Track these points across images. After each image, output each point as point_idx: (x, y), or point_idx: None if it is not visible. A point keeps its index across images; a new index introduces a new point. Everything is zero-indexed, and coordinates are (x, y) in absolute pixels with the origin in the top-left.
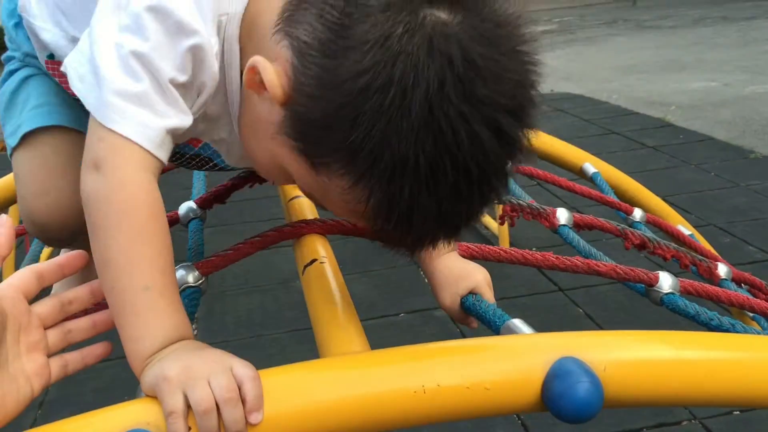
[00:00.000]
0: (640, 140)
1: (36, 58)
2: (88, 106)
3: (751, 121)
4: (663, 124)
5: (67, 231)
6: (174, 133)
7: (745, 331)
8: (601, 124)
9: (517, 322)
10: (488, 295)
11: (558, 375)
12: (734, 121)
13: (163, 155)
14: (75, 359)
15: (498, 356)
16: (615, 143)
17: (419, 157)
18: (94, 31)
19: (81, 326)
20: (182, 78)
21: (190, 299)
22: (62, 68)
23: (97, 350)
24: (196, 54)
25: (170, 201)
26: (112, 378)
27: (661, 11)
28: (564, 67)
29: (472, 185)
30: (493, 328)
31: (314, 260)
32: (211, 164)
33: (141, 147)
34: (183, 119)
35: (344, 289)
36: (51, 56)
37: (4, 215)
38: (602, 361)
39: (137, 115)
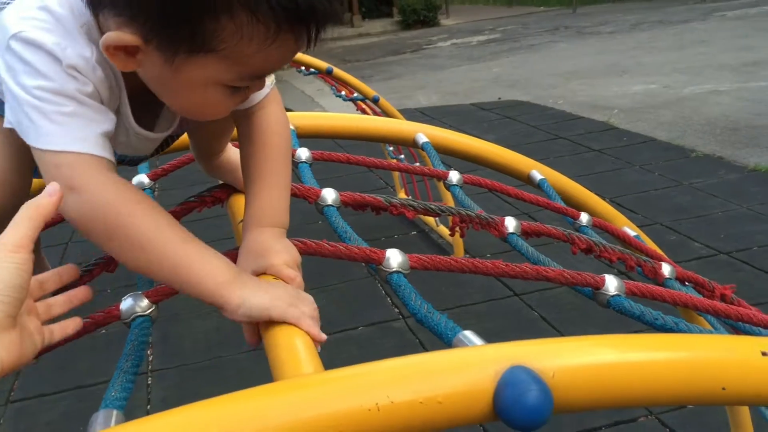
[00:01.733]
0: (586, 144)
1: None
2: (31, 142)
3: (691, 121)
4: (607, 128)
5: None
6: (107, 136)
7: (689, 330)
8: (547, 130)
9: (468, 334)
10: (283, 275)
11: (508, 384)
12: (675, 121)
13: (110, 155)
14: (57, 328)
15: (449, 369)
16: (562, 148)
17: None
18: (9, 83)
19: (60, 301)
20: (88, 88)
21: (141, 328)
22: (5, 125)
23: (73, 322)
24: (77, 70)
25: None
26: (64, 410)
27: (599, 18)
28: (509, 75)
29: None
30: (445, 340)
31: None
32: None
33: (93, 155)
34: (111, 120)
35: None
36: None
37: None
38: (551, 368)
39: (77, 131)
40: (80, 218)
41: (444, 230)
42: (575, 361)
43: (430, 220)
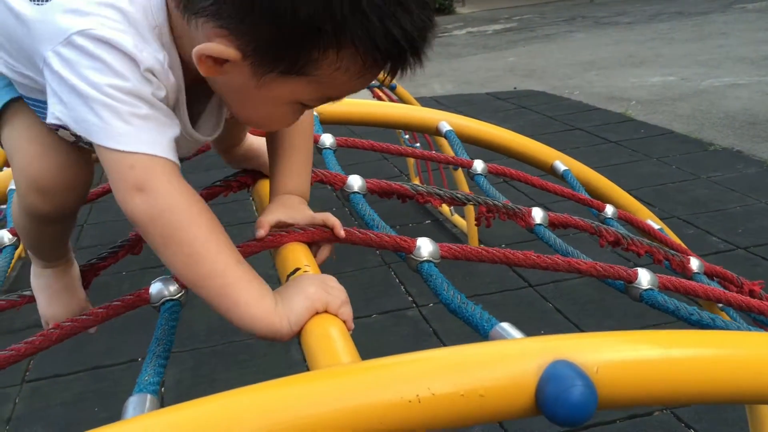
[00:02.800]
0: (603, 135)
1: None
2: (100, 141)
3: (709, 114)
4: (624, 119)
5: (71, 194)
6: (174, 141)
7: (726, 326)
8: (564, 120)
9: (506, 326)
10: (325, 216)
11: (551, 379)
12: (693, 114)
13: (178, 161)
14: None
15: (490, 362)
16: (578, 139)
17: None
18: (71, 79)
19: None
20: (161, 93)
21: (170, 312)
22: (50, 120)
23: None
24: (153, 73)
25: None
26: (80, 391)
27: (617, 8)
28: (525, 65)
29: None
30: (481, 332)
31: (297, 269)
32: None
33: (166, 159)
34: (177, 125)
35: None
36: None
37: None
38: (594, 363)
39: (151, 134)
40: (143, 219)
41: (458, 219)
42: (619, 356)
43: (445, 209)
